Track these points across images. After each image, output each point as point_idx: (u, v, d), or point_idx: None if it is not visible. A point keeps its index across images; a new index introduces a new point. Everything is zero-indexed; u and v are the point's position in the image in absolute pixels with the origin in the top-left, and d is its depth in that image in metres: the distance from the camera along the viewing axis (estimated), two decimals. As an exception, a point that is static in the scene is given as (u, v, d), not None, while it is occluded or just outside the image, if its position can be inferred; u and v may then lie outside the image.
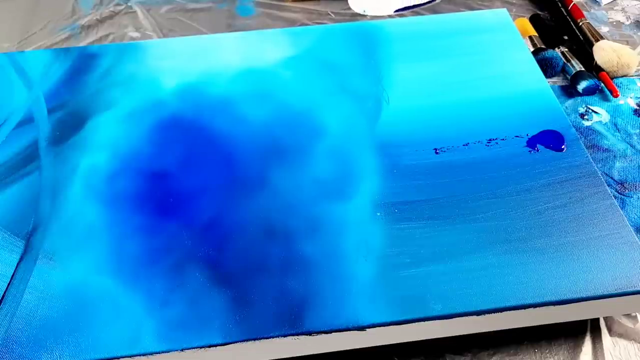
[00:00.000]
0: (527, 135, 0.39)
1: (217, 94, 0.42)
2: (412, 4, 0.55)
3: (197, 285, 0.32)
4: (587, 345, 0.33)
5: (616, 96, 0.46)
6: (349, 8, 0.56)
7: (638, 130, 0.44)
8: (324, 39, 0.46)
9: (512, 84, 0.42)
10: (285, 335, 0.30)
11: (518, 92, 0.42)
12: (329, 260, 0.32)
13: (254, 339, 0.30)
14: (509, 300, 0.30)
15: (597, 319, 0.34)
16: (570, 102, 0.47)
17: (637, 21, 0.54)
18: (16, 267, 0.32)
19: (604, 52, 0.48)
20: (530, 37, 0.51)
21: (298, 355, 0.31)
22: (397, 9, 0.54)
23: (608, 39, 0.50)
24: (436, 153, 0.38)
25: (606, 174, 0.41)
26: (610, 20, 0.54)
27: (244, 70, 0.44)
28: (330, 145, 0.38)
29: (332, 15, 0.55)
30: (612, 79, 0.48)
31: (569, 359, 0.33)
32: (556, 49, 0.50)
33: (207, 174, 0.37)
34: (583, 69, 0.48)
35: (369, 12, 0.53)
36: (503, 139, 0.39)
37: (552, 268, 0.32)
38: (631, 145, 0.43)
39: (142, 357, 0.29)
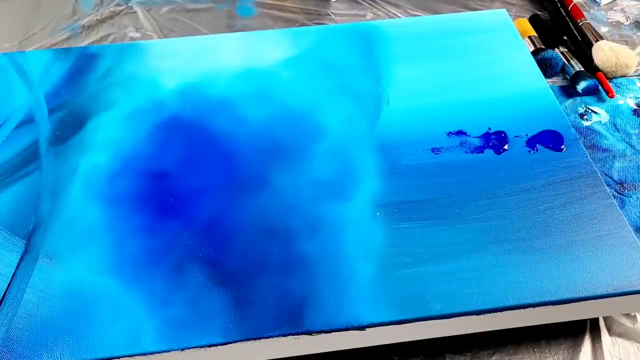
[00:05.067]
0: (527, 135, 0.39)
1: (218, 94, 0.42)
2: None
3: (197, 285, 0.32)
4: (587, 344, 0.33)
5: (612, 97, 0.46)
6: (349, 8, 0.56)
7: (637, 130, 0.44)
8: (324, 39, 0.46)
9: (511, 84, 0.42)
10: (285, 335, 0.30)
11: (517, 92, 0.42)
12: (329, 260, 0.33)
13: (254, 339, 0.30)
14: (509, 300, 0.31)
15: (597, 319, 0.34)
16: (569, 102, 0.47)
17: (637, 21, 0.54)
18: (17, 266, 0.33)
19: (603, 53, 0.48)
20: (530, 38, 0.51)
21: (298, 354, 0.31)
22: None
23: (607, 39, 0.50)
24: (436, 153, 0.38)
25: (605, 174, 0.41)
26: (610, 20, 0.54)
27: (244, 71, 0.44)
28: (330, 145, 0.39)
29: (332, 15, 0.55)
30: (611, 79, 0.48)
31: (568, 358, 0.33)
32: (556, 49, 0.50)
33: (207, 174, 0.37)
34: (582, 69, 0.48)
35: None
36: (502, 139, 0.39)
37: (552, 268, 0.32)
38: (630, 145, 0.43)
39: (142, 357, 0.29)
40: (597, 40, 0.49)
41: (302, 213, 0.35)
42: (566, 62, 0.49)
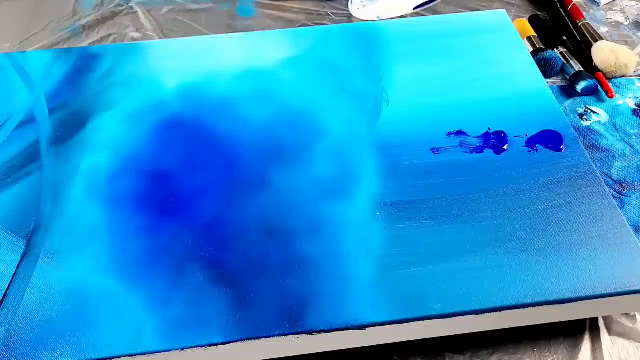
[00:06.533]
0: (526, 135, 0.39)
1: (218, 94, 0.42)
2: (423, 2, 0.54)
3: (198, 285, 0.32)
4: (586, 344, 0.33)
5: (611, 97, 0.46)
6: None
7: (637, 130, 0.44)
8: (325, 39, 0.46)
9: (511, 84, 0.42)
10: (285, 335, 0.30)
11: (517, 92, 0.42)
12: (329, 260, 0.33)
13: (255, 338, 0.30)
14: (509, 300, 0.31)
15: (596, 318, 0.34)
16: (569, 102, 0.47)
17: (636, 22, 0.54)
18: (17, 266, 0.33)
19: (602, 53, 0.48)
20: (530, 38, 0.51)
21: (298, 354, 0.31)
22: (415, 6, 0.53)
23: (607, 40, 0.50)
24: (436, 153, 0.38)
25: (605, 174, 0.41)
26: (610, 20, 0.54)
27: (245, 71, 0.44)
28: (330, 145, 0.39)
29: (332, 16, 0.55)
30: (610, 79, 0.48)
31: (567, 358, 0.33)
32: (555, 49, 0.50)
33: (207, 174, 0.37)
34: (582, 69, 0.48)
35: (383, 16, 0.52)
36: (502, 139, 0.39)
37: (551, 268, 0.32)
38: (630, 145, 0.43)
39: (142, 356, 0.29)
40: (596, 41, 0.49)
41: (302, 213, 0.35)
42: (566, 62, 0.49)
